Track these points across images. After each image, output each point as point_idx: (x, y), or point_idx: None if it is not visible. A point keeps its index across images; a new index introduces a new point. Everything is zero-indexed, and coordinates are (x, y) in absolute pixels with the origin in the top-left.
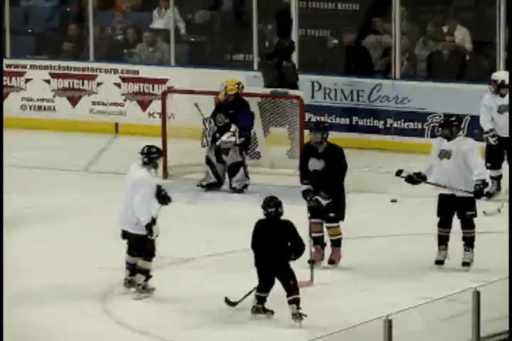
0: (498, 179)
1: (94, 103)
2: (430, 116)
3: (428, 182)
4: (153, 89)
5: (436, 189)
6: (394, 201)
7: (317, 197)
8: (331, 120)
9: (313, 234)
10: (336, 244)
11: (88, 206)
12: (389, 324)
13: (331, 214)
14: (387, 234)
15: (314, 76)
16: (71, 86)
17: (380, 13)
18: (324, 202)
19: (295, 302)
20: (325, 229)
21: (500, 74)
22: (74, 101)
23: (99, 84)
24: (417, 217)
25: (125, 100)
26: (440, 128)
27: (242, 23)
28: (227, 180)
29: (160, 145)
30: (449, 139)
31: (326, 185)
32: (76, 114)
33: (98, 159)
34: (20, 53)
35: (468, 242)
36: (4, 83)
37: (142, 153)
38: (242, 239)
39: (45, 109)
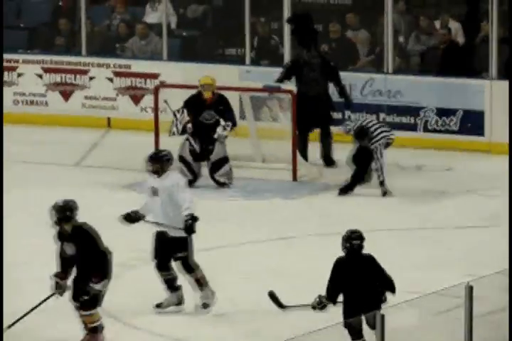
0: None
1: (86, 97)
2: (423, 110)
3: (147, 221)
4: (145, 84)
5: (156, 227)
6: (385, 194)
7: (90, 285)
8: None
9: None
10: (92, 330)
11: (79, 201)
12: (381, 318)
13: (84, 298)
14: (375, 228)
15: None
16: (63, 80)
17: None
18: (99, 287)
19: None
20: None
21: None
22: (66, 96)
23: (91, 78)
24: (409, 209)
25: (117, 95)
26: (149, 164)
27: (234, 17)
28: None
29: (152, 140)
30: (158, 175)
31: (89, 273)
32: (68, 108)
33: (90, 154)
34: (12, 48)
35: (199, 283)
36: None
37: None
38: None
39: (37, 103)
